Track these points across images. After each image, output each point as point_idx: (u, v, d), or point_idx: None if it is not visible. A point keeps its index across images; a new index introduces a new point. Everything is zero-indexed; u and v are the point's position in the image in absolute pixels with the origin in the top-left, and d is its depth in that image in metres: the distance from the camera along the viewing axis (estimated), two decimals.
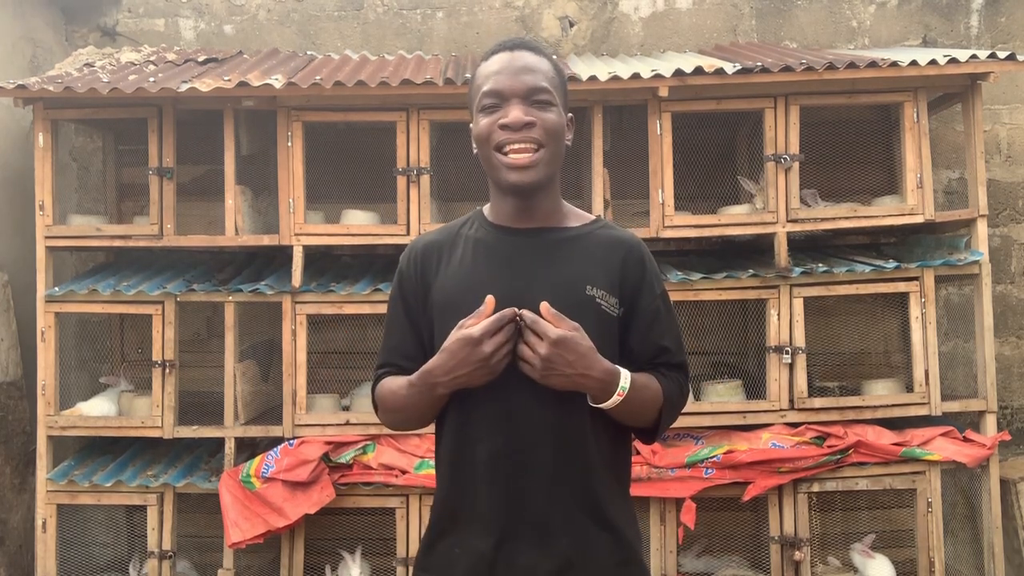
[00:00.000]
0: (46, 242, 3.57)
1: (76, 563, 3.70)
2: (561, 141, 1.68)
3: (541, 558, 1.61)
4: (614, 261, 1.70)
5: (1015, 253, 4.25)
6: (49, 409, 3.54)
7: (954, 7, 4.32)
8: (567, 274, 1.66)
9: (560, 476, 1.62)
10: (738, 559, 3.73)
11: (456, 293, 1.67)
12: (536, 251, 1.68)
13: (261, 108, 3.55)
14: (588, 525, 1.63)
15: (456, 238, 1.74)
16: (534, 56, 1.67)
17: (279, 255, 3.87)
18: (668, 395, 1.70)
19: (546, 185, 1.68)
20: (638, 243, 1.76)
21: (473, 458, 1.64)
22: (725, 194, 3.80)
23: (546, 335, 1.52)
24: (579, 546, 1.62)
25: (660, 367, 1.71)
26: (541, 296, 1.60)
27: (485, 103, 1.65)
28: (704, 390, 3.66)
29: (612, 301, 1.67)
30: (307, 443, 3.42)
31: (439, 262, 1.72)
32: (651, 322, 1.71)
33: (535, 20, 4.41)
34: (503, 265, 1.67)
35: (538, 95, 1.63)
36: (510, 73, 1.63)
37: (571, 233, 1.72)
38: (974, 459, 3.43)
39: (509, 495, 1.62)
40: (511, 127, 1.61)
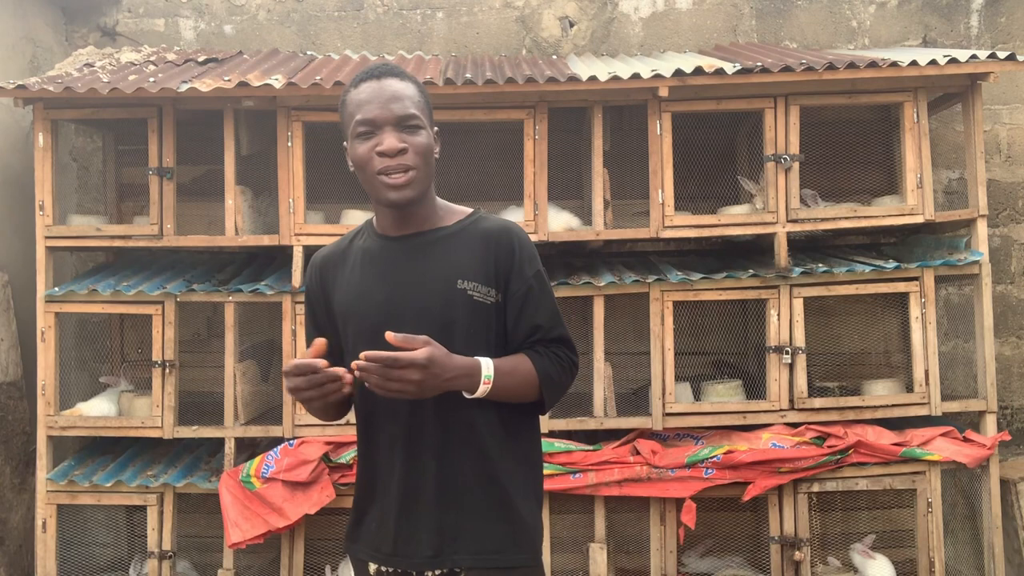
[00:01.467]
0: (46, 242, 3.57)
1: (76, 563, 3.70)
2: (431, 158, 1.82)
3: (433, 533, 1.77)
4: (485, 252, 1.82)
5: (1015, 253, 4.25)
6: (49, 409, 3.54)
7: (954, 7, 4.33)
8: (439, 272, 1.80)
9: (450, 454, 1.78)
10: (739, 559, 3.73)
11: (349, 301, 1.84)
12: (412, 254, 1.84)
13: (261, 108, 3.56)
14: (478, 498, 1.78)
15: (348, 250, 1.91)
16: (400, 83, 1.80)
17: (279, 255, 3.87)
18: (543, 371, 1.81)
19: (420, 198, 1.82)
20: (508, 231, 1.87)
21: (376, 443, 1.83)
22: (725, 194, 3.80)
23: (414, 362, 1.62)
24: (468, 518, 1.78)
25: (536, 344, 1.83)
26: (418, 293, 1.79)
27: (360, 131, 1.77)
28: (704, 390, 3.66)
29: (485, 290, 1.80)
30: (307, 443, 3.42)
31: (335, 274, 1.89)
32: (523, 303, 1.83)
33: (535, 20, 4.41)
34: (384, 271, 1.83)
35: (408, 121, 1.77)
36: (380, 102, 1.76)
37: (445, 232, 1.86)
38: (974, 459, 3.43)
39: (405, 475, 1.78)
40: (387, 154, 1.75)
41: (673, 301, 3.51)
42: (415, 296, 1.78)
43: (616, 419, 3.51)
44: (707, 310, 3.78)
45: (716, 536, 3.74)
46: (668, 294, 3.50)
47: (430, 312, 1.77)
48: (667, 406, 3.49)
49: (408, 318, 1.75)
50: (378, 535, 1.82)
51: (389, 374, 1.61)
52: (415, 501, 1.78)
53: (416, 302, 1.78)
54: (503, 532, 1.80)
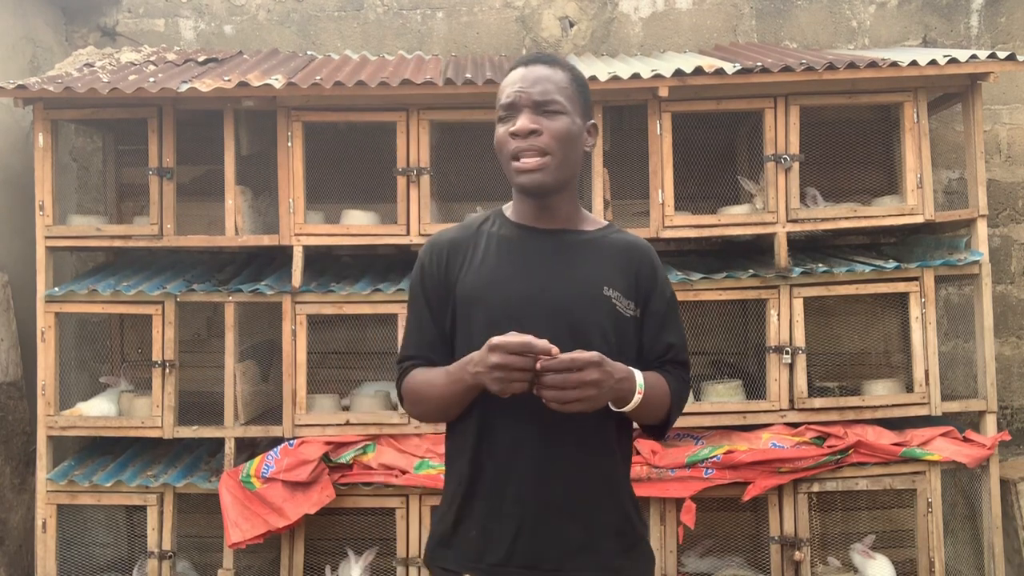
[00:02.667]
0: (46, 242, 3.57)
1: (76, 563, 3.70)
2: (571, 147, 1.75)
3: (556, 542, 1.70)
4: (628, 265, 1.80)
5: (1015, 253, 4.25)
6: (49, 409, 3.54)
7: (954, 7, 4.32)
8: (586, 275, 1.76)
9: (581, 464, 1.72)
10: (738, 559, 3.73)
11: (480, 288, 1.75)
12: (556, 251, 1.78)
13: (261, 108, 3.55)
14: (602, 512, 1.73)
15: (478, 235, 1.82)
16: (548, 68, 1.76)
17: (279, 255, 3.87)
18: (675, 391, 1.80)
19: (559, 188, 1.77)
20: (650, 248, 1.87)
21: (495, 445, 1.72)
22: (725, 194, 3.80)
23: (591, 361, 1.57)
24: (592, 532, 1.72)
25: (666, 364, 1.82)
26: (562, 292, 1.72)
27: (501, 114, 1.76)
28: (704, 390, 3.66)
29: (627, 303, 1.77)
30: (307, 443, 3.42)
31: (463, 258, 1.80)
32: (661, 322, 1.82)
33: (535, 20, 4.41)
34: (526, 262, 1.77)
35: (547, 105, 1.73)
36: (522, 85, 1.74)
37: (588, 236, 1.82)
38: (974, 459, 3.43)
39: (530, 483, 1.70)
40: (518, 134, 1.71)
41: None
42: (558, 294, 1.72)
43: None
44: (707, 310, 3.78)
45: (716, 536, 3.74)
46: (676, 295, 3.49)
47: (571, 313, 1.71)
48: None
49: (546, 314, 1.70)
50: (480, 542, 1.72)
51: (568, 380, 1.55)
52: (539, 510, 1.69)
53: (558, 300, 1.72)
54: (627, 547, 1.75)
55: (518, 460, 1.71)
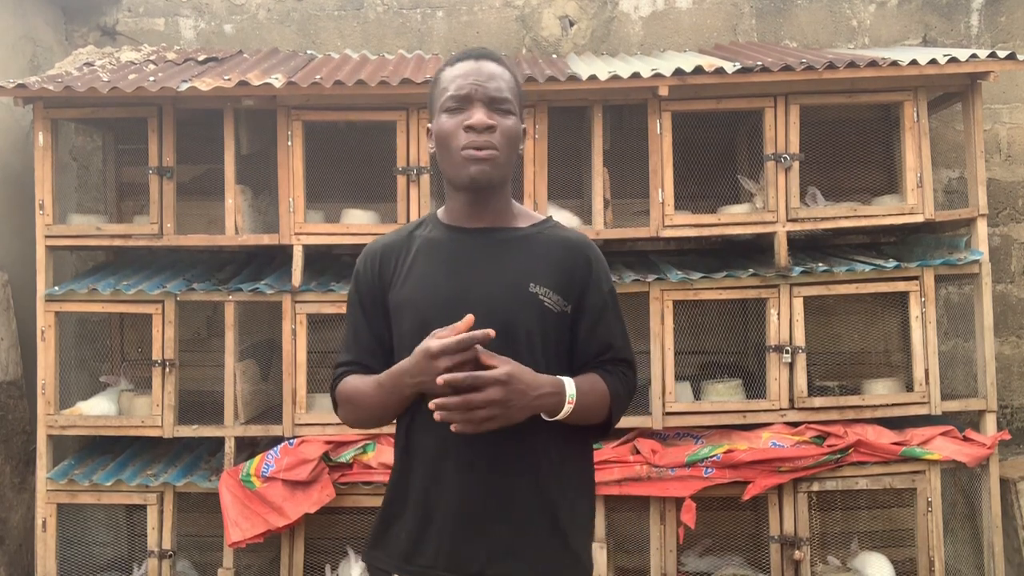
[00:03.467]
0: (46, 241, 3.57)
1: (76, 562, 3.70)
2: (516, 147, 1.77)
3: (480, 545, 1.68)
4: (561, 260, 1.77)
5: (1015, 252, 4.25)
6: (49, 408, 3.54)
7: (954, 6, 4.32)
8: (512, 272, 1.74)
9: (507, 466, 1.69)
10: (738, 559, 3.73)
11: (410, 292, 1.76)
12: (484, 250, 1.76)
13: (261, 107, 3.55)
14: (529, 515, 1.70)
15: (410, 240, 1.82)
16: (497, 66, 1.76)
17: (279, 254, 3.87)
18: (614, 392, 1.77)
19: (498, 185, 1.76)
20: (586, 243, 1.84)
21: (421, 448, 1.73)
22: (725, 193, 3.80)
23: (491, 380, 1.55)
24: (518, 535, 1.69)
25: (606, 363, 1.79)
26: (487, 291, 1.71)
27: (450, 105, 1.72)
28: (704, 389, 3.66)
29: (556, 298, 1.73)
30: (307, 442, 3.42)
31: (395, 263, 1.80)
32: (597, 319, 1.78)
33: (535, 19, 4.41)
34: (452, 263, 1.76)
35: (501, 103, 1.72)
36: (477, 79, 1.72)
37: (519, 233, 1.80)
38: (974, 458, 3.43)
39: (450, 485, 1.69)
40: (475, 128, 1.69)
41: (673, 300, 3.51)
42: (483, 292, 1.71)
43: None
44: (707, 309, 3.78)
45: (716, 535, 3.74)
46: (668, 293, 3.50)
47: (496, 312, 1.68)
48: (667, 405, 3.49)
49: (475, 314, 1.64)
50: (408, 545, 1.72)
51: (470, 401, 1.53)
52: (464, 513, 1.69)
53: (481, 299, 1.69)
54: (556, 557, 1.71)
55: (444, 464, 1.69)
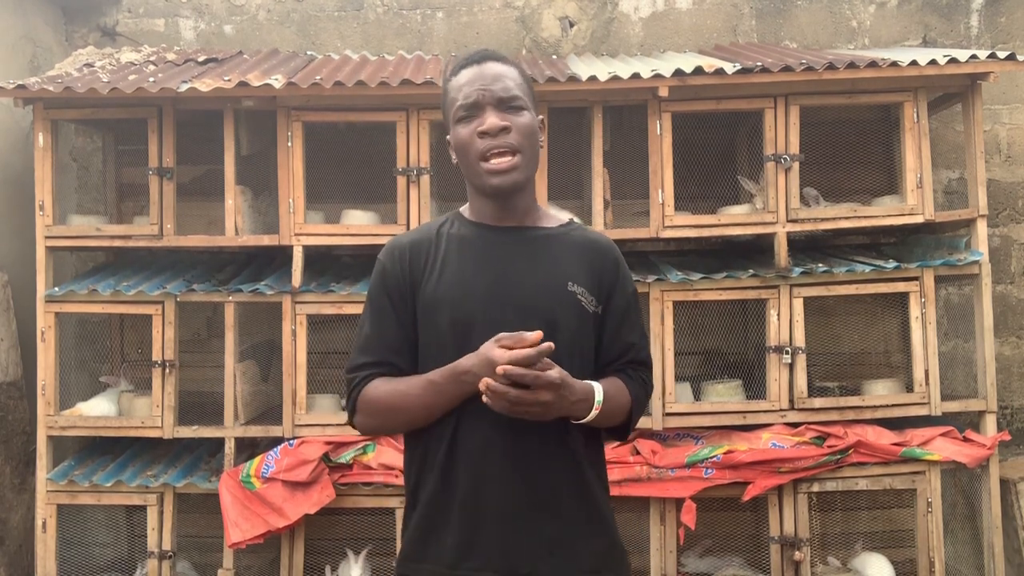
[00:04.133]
0: (46, 242, 3.57)
1: (76, 563, 3.70)
2: (536, 142, 1.75)
3: (528, 542, 1.68)
4: (591, 261, 1.78)
5: (1015, 253, 4.25)
6: (49, 409, 3.54)
7: (954, 7, 4.32)
8: (550, 271, 1.74)
9: (545, 463, 1.70)
10: (738, 559, 3.73)
11: (443, 288, 1.73)
12: (518, 248, 1.76)
13: (261, 108, 3.55)
14: (575, 509, 1.71)
15: (437, 237, 1.79)
16: (501, 65, 1.75)
17: (279, 255, 3.87)
18: (636, 396, 1.79)
19: (527, 186, 1.76)
20: (612, 245, 1.86)
21: (464, 450, 1.70)
22: (725, 194, 3.80)
23: (551, 382, 1.56)
24: (566, 530, 1.70)
25: (627, 365, 1.81)
26: (529, 289, 1.70)
27: (461, 115, 1.72)
28: (704, 390, 3.66)
29: (590, 299, 1.75)
30: (307, 443, 3.42)
31: (425, 260, 1.77)
32: (621, 320, 1.80)
33: (535, 20, 4.41)
34: (487, 260, 1.74)
35: (511, 101, 1.71)
36: (482, 83, 1.71)
37: (549, 232, 1.80)
38: (974, 459, 3.43)
39: (497, 484, 1.68)
40: (489, 133, 1.68)
41: (673, 301, 3.51)
42: (522, 291, 1.70)
43: None
44: (707, 310, 3.78)
45: (716, 536, 3.74)
46: (668, 294, 3.50)
47: (537, 310, 1.68)
48: (667, 406, 3.49)
49: (512, 313, 1.67)
50: (456, 550, 1.69)
51: (523, 397, 1.54)
52: (513, 512, 1.67)
53: (522, 298, 1.69)
54: (603, 548, 1.74)
55: (489, 466, 1.68)
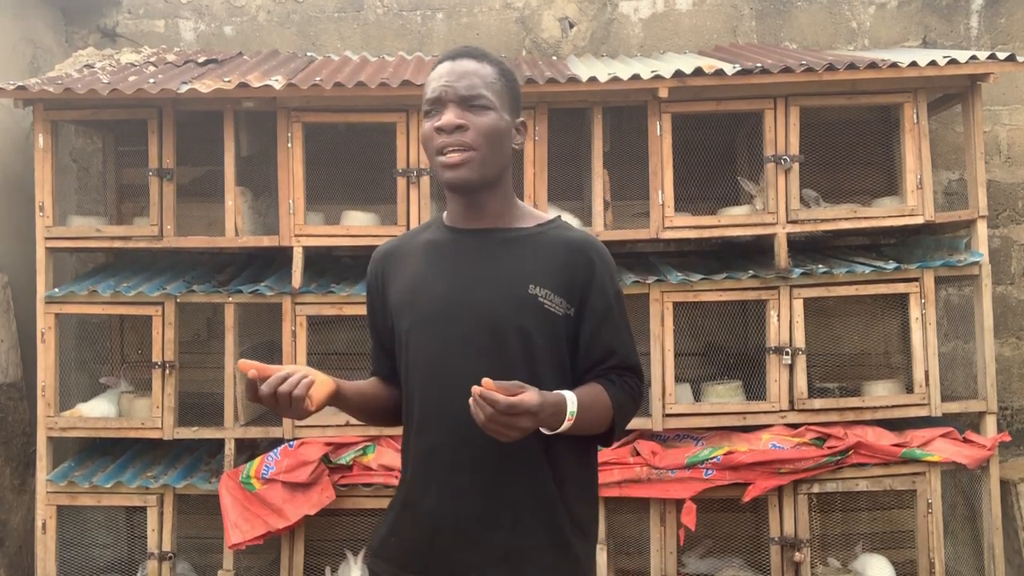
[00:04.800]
0: (46, 243, 3.57)
1: (76, 564, 3.70)
2: (498, 143, 1.70)
3: (476, 552, 1.66)
4: (563, 261, 1.72)
5: (1015, 254, 4.25)
6: (49, 410, 3.54)
7: (954, 8, 4.33)
8: (510, 273, 1.70)
9: (503, 472, 1.66)
10: (739, 560, 3.73)
11: (406, 293, 1.76)
12: (482, 250, 1.74)
13: (261, 109, 3.56)
14: (529, 526, 1.67)
15: (413, 243, 1.83)
16: (475, 63, 1.72)
17: (279, 256, 3.87)
18: (618, 403, 1.71)
19: (485, 185, 1.72)
20: (590, 243, 1.76)
21: (418, 452, 1.72)
22: (725, 195, 3.80)
23: (530, 410, 1.51)
24: (516, 543, 1.66)
25: (610, 371, 1.74)
26: (484, 293, 1.68)
27: (426, 108, 1.72)
28: (704, 391, 3.66)
29: (557, 300, 1.69)
30: (307, 444, 3.42)
31: (397, 267, 1.81)
32: (600, 324, 1.72)
33: (535, 21, 4.41)
34: (450, 264, 1.74)
35: (473, 100, 1.68)
36: (448, 80, 1.69)
37: (521, 233, 1.76)
38: (974, 460, 3.43)
39: (449, 488, 1.68)
40: (444, 129, 1.67)
41: (673, 302, 3.51)
42: (480, 294, 1.69)
43: None
44: (707, 311, 3.78)
45: (716, 537, 3.74)
46: (668, 295, 3.50)
47: (494, 313, 1.67)
48: (667, 407, 3.49)
49: (469, 315, 1.67)
50: (404, 550, 1.71)
51: (499, 420, 1.49)
52: (460, 518, 1.67)
53: (480, 300, 1.68)
54: (552, 568, 1.68)
55: (434, 470, 1.68)
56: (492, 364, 1.61)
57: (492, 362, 1.63)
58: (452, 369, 1.67)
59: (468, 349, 1.67)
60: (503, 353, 1.65)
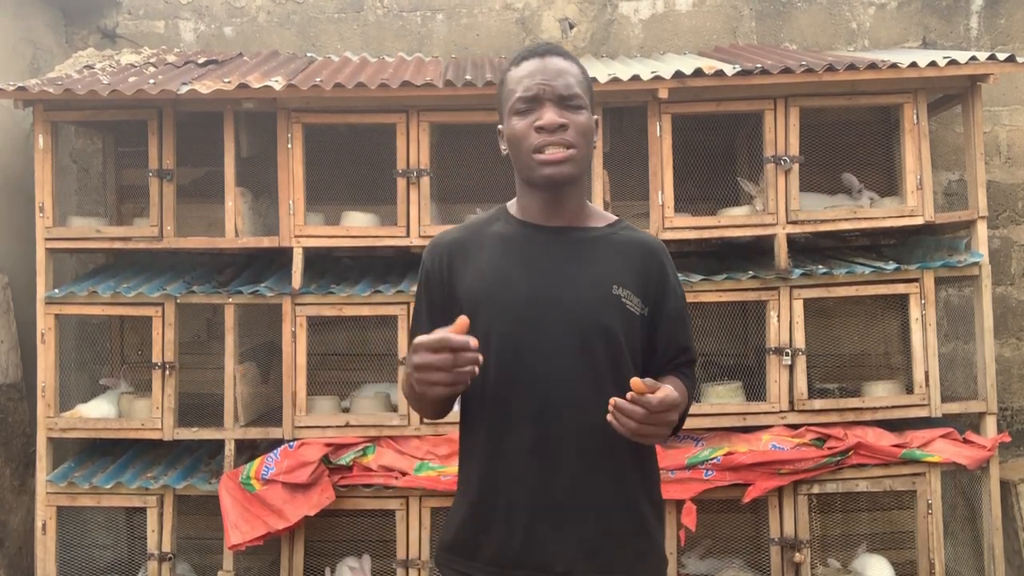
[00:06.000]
0: (46, 244, 3.57)
1: (76, 565, 3.70)
2: (591, 141, 1.74)
3: (569, 546, 1.67)
4: (638, 263, 1.76)
5: (1015, 255, 4.25)
6: (49, 411, 3.54)
7: (953, 9, 4.33)
8: (595, 273, 1.72)
9: (589, 468, 1.69)
10: (739, 561, 3.73)
11: (484, 288, 1.72)
12: (564, 249, 1.74)
13: (261, 110, 3.56)
14: (614, 515, 1.70)
15: (481, 235, 1.79)
16: (564, 61, 1.73)
17: (279, 257, 3.87)
18: (690, 395, 1.82)
19: (575, 183, 1.74)
20: (660, 247, 1.83)
21: (504, 449, 1.70)
22: (725, 196, 3.80)
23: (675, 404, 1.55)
24: (606, 535, 1.69)
25: (681, 366, 1.82)
26: (571, 292, 1.69)
27: (519, 107, 1.70)
28: (704, 391, 3.66)
29: (636, 301, 1.73)
30: (307, 445, 3.42)
31: (465, 258, 1.76)
32: (675, 323, 1.80)
33: (535, 22, 4.41)
34: (531, 261, 1.73)
35: (571, 99, 1.69)
36: (543, 77, 1.69)
37: (596, 233, 1.78)
38: (974, 461, 3.42)
39: (538, 485, 1.68)
40: (546, 129, 1.67)
41: None
42: (566, 293, 1.69)
43: None
44: (707, 311, 3.78)
45: (716, 538, 3.74)
46: None
47: (582, 314, 1.68)
48: None
49: (557, 315, 1.67)
50: (493, 546, 1.70)
51: (652, 419, 1.52)
52: (549, 512, 1.67)
53: (567, 300, 1.68)
54: (639, 555, 1.72)
55: (525, 464, 1.68)
56: (581, 363, 1.66)
57: (581, 361, 1.67)
58: (540, 368, 1.67)
59: (557, 348, 1.67)
60: (591, 353, 1.66)
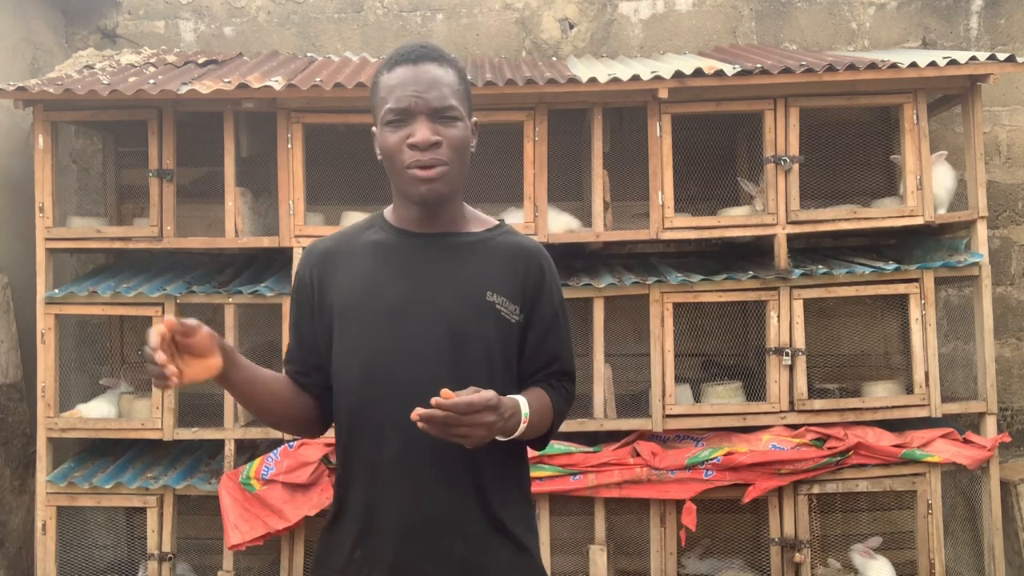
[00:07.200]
0: (46, 244, 3.57)
1: (76, 565, 3.70)
2: (466, 153, 1.67)
3: (437, 564, 1.63)
4: (515, 268, 1.71)
5: (1015, 255, 4.25)
6: (49, 411, 3.54)
7: (953, 9, 4.33)
8: (468, 279, 1.67)
9: (452, 482, 1.64)
10: (739, 561, 3.73)
11: (355, 296, 1.68)
12: (437, 255, 1.69)
13: (261, 110, 3.56)
14: (483, 529, 1.66)
15: (354, 242, 1.75)
16: (439, 68, 1.64)
17: (279, 257, 3.87)
18: (558, 409, 1.74)
19: (454, 195, 1.70)
20: (539, 251, 1.77)
21: (373, 463, 1.65)
22: (725, 196, 3.80)
23: (488, 404, 1.49)
24: (474, 551, 1.65)
25: (551, 376, 1.75)
26: (443, 298, 1.64)
27: (390, 118, 1.62)
28: (704, 392, 3.66)
29: (512, 308, 1.69)
30: (307, 445, 3.42)
31: (336, 266, 1.72)
32: (547, 331, 1.73)
33: (535, 22, 4.41)
34: (404, 269, 1.69)
35: (445, 111, 1.62)
36: (416, 89, 1.61)
37: (472, 238, 1.73)
38: (974, 461, 3.43)
39: (408, 500, 1.63)
40: (419, 147, 1.60)
41: (673, 303, 3.51)
42: (438, 300, 1.64)
43: (616, 421, 3.51)
44: (707, 311, 3.78)
45: (716, 538, 3.74)
46: (668, 295, 3.50)
47: (452, 320, 1.63)
48: (667, 408, 3.49)
49: (428, 321, 1.63)
50: (376, 564, 1.64)
51: (460, 420, 1.46)
52: (411, 529, 1.63)
53: (438, 306, 1.64)
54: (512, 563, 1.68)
55: (393, 477, 1.63)
56: (452, 370, 1.60)
57: (453, 368, 1.61)
58: (405, 376, 1.62)
59: (427, 354, 1.63)
60: (463, 359, 1.62)
